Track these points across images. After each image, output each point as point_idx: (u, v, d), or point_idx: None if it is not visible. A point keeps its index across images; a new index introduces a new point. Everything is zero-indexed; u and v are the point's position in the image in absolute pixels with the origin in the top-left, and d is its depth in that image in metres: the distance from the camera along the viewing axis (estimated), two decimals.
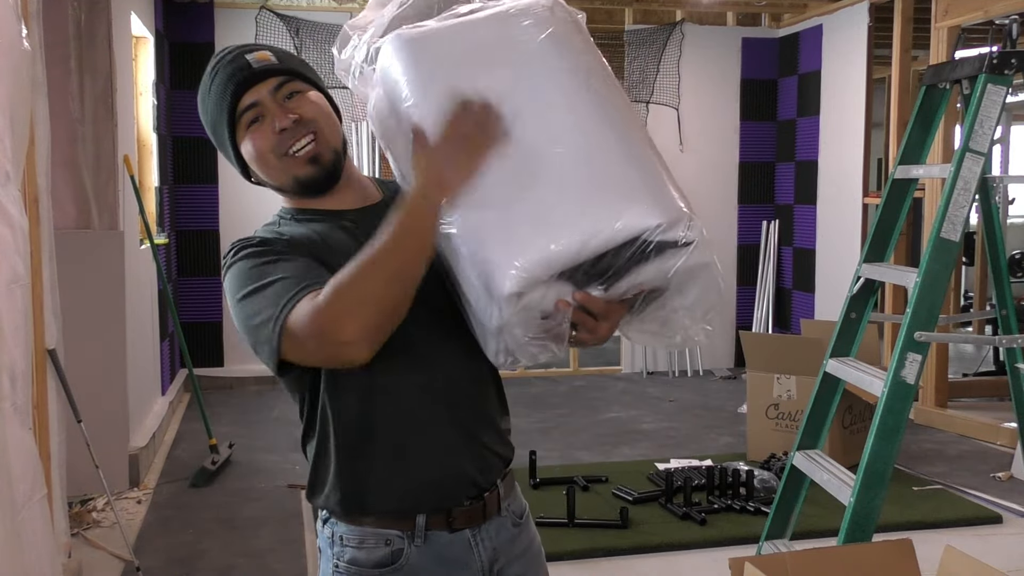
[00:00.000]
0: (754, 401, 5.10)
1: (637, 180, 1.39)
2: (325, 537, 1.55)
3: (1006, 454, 5.24)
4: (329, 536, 1.54)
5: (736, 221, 7.82)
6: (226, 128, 1.53)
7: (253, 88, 1.50)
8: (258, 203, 6.97)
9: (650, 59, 7.47)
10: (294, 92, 1.53)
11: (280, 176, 1.54)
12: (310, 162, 1.51)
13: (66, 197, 4.43)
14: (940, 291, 2.83)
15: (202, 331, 6.99)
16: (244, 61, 1.51)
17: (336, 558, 1.51)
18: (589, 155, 1.40)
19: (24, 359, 2.85)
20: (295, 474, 4.92)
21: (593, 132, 1.42)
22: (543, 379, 7.39)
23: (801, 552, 2.38)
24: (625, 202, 1.35)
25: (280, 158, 1.51)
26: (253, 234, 1.56)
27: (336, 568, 1.51)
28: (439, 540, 1.49)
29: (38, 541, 2.77)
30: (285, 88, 1.52)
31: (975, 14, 5.48)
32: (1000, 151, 8.32)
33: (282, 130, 1.49)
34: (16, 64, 2.80)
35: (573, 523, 4.09)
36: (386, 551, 1.48)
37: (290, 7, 6.98)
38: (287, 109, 1.50)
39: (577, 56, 1.50)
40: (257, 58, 1.52)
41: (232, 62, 1.53)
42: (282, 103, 1.51)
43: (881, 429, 2.77)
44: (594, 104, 1.46)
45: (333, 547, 1.52)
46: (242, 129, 1.52)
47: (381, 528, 1.49)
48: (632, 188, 1.37)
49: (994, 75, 2.82)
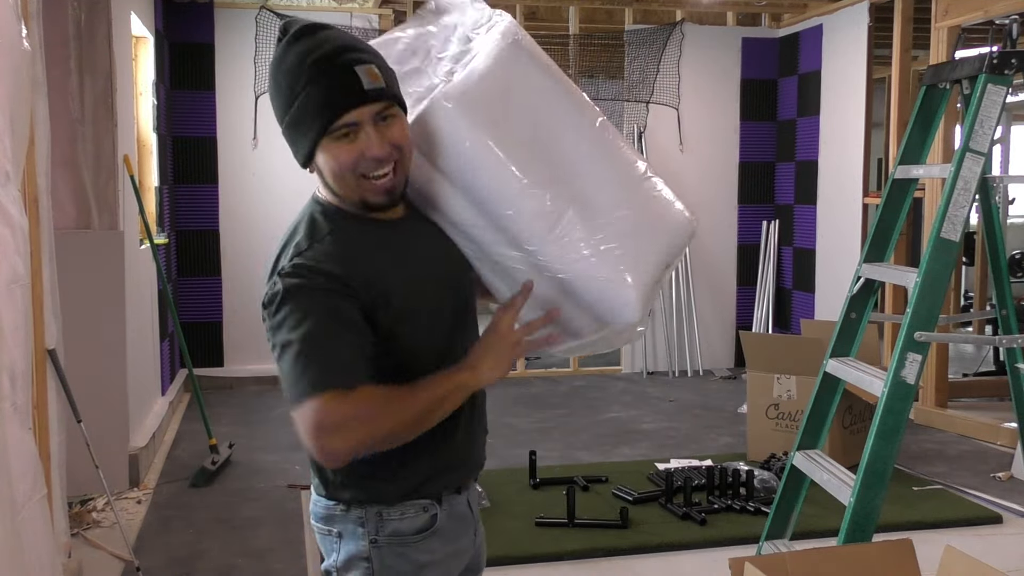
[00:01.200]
0: (754, 401, 5.10)
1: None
2: (352, 520, 1.67)
3: (1006, 454, 5.24)
4: (360, 517, 1.67)
5: (736, 221, 7.82)
6: (313, 134, 1.55)
7: (357, 109, 1.53)
8: (258, 203, 7.01)
9: (650, 59, 7.47)
10: (390, 116, 1.56)
11: (350, 192, 1.59)
12: (385, 192, 1.58)
13: (66, 197, 4.43)
14: (940, 291, 2.83)
15: (202, 331, 6.99)
16: (355, 77, 1.53)
17: (374, 534, 1.66)
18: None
19: (24, 359, 2.85)
20: (295, 474, 4.92)
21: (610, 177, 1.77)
22: (543, 379, 7.39)
23: (801, 552, 2.38)
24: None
25: (357, 178, 1.56)
26: (305, 248, 1.58)
27: (374, 543, 1.66)
28: (453, 502, 1.73)
29: (38, 541, 2.78)
30: (385, 111, 1.56)
31: (975, 14, 5.48)
32: (1000, 151, 8.32)
33: (373, 157, 1.54)
34: (16, 64, 2.80)
35: (573, 523, 4.09)
36: (426, 517, 1.68)
37: (290, 7, 6.98)
38: (384, 137, 1.55)
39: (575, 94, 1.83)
40: (369, 77, 1.53)
41: (342, 72, 1.53)
42: (379, 127, 1.55)
43: (881, 429, 2.77)
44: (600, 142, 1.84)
45: (366, 525, 1.66)
46: (328, 139, 1.55)
47: (416, 499, 1.68)
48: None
49: (994, 75, 2.82)
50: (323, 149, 1.56)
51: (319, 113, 1.53)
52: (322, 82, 1.53)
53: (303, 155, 1.60)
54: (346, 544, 1.69)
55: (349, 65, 1.53)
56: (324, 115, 1.53)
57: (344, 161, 1.55)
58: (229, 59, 6.94)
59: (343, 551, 1.69)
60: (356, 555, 1.67)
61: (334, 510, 1.69)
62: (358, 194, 1.58)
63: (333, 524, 1.70)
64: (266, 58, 6.91)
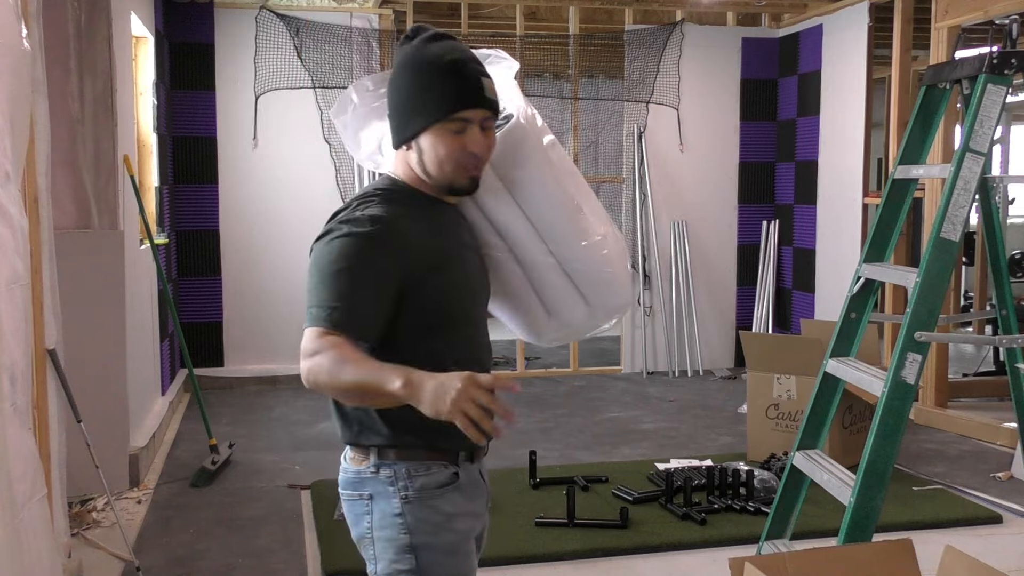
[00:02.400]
0: (754, 401, 5.10)
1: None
2: (382, 480, 1.85)
3: (1006, 454, 5.24)
4: (389, 476, 1.85)
5: (736, 221, 7.82)
6: (433, 117, 1.82)
7: (474, 109, 1.82)
8: (258, 203, 7.01)
9: (650, 59, 7.48)
10: (489, 127, 1.87)
11: (443, 175, 1.86)
12: (471, 179, 1.88)
13: (66, 197, 4.43)
14: (940, 291, 2.83)
15: (202, 331, 6.99)
16: (481, 84, 1.84)
17: (404, 490, 1.84)
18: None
19: (24, 359, 2.85)
20: (295, 474, 4.93)
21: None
22: (543, 379, 7.39)
23: (801, 552, 2.38)
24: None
25: (455, 165, 1.84)
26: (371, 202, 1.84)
27: (405, 499, 1.84)
28: (468, 468, 1.92)
29: (38, 541, 2.78)
30: (488, 121, 1.87)
31: (975, 14, 5.48)
32: (1000, 151, 8.33)
33: (473, 154, 1.84)
34: (16, 64, 2.80)
35: (573, 523, 4.09)
36: (448, 472, 1.87)
37: (290, 7, 6.98)
38: (487, 141, 1.86)
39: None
40: (489, 88, 1.85)
41: (473, 76, 1.84)
42: (483, 132, 1.85)
43: (881, 429, 2.77)
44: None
45: (396, 483, 1.84)
46: (442, 126, 1.82)
47: (438, 459, 1.86)
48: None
49: (994, 75, 2.82)
50: (433, 133, 1.82)
51: (446, 101, 1.81)
52: (455, 79, 1.82)
53: (412, 132, 1.85)
54: (378, 504, 1.86)
55: (478, 75, 1.84)
56: (449, 104, 1.81)
57: (452, 150, 1.83)
58: (229, 59, 6.94)
59: (376, 512, 1.86)
60: (389, 512, 1.84)
61: (364, 473, 1.86)
62: (450, 178, 1.86)
63: (364, 487, 1.87)
64: (266, 58, 6.92)
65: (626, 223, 7.54)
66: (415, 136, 1.85)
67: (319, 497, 4.46)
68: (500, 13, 7.72)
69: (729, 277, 7.83)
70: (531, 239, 2.00)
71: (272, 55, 6.93)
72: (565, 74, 7.57)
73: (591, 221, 2.03)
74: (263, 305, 7.04)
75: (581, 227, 2.01)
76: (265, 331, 7.04)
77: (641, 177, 7.47)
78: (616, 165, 7.56)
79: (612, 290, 2.06)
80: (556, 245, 2.00)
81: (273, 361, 7.03)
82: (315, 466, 4.99)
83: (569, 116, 7.44)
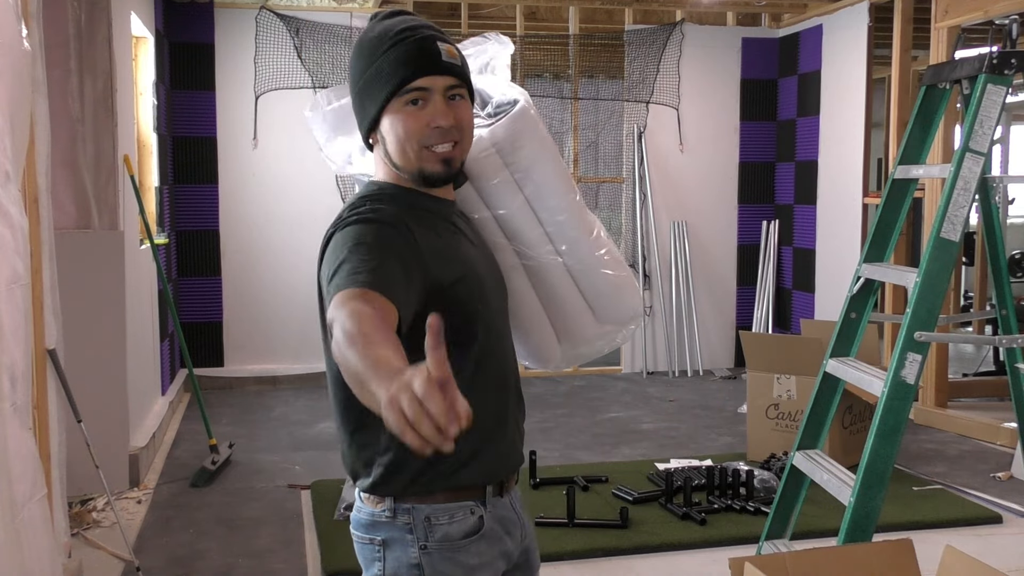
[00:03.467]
0: (754, 401, 5.10)
1: None
2: (399, 527, 1.64)
3: (1006, 454, 5.24)
4: (407, 523, 1.63)
5: (736, 221, 7.82)
6: (385, 93, 1.60)
7: (431, 76, 1.58)
8: (258, 203, 7.01)
9: (650, 59, 7.47)
10: (458, 96, 1.62)
11: (409, 163, 1.62)
12: (443, 162, 1.62)
13: (66, 197, 4.43)
14: (940, 291, 2.83)
15: (202, 331, 6.99)
16: (436, 48, 1.60)
17: (423, 540, 1.63)
18: None
19: (24, 359, 2.85)
20: (295, 474, 4.93)
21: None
22: (543, 379, 7.39)
23: (801, 552, 2.38)
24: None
25: (419, 148, 1.60)
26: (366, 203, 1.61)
27: (424, 549, 1.63)
28: (497, 504, 1.70)
29: (38, 541, 2.78)
30: (455, 90, 1.62)
31: (975, 14, 5.48)
32: (1000, 151, 8.33)
33: (437, 127, 1.59)
34: (16, 64, 2.80)
35: (573, 523, 4.09)
36: (473, 519, 1.66)
37: (290, 7, 6.98)
38: (451, 110, 1.60)
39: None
40: (448, 52, 1.61)
41: (423, 41, 1.60)
42: (447, 101, 1.60)
43: (881, 429, 2.77)
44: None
45: (415, 531, 1.63)
46: (398, 103, 1.60)
47: (463, 501, 1.65)
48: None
49: (994, 75, 2.82)
50: (391, 113, 1.60)
51: (394, 73, 1.59)
52: (402, 48, 1.60)
53: (370, 118, 1.63)
54: (393, 552, 1.65)
55: (432, 39, 1.61)
56: (399, 75, 1.58)
57: (410, 128, 1.59)
58: (229, 59, 6.94)
59: (390, 560, 1.65)
60: (406, 563, 1.64)
61: (379, 517, 1.65)
62: (417, 164, 1.62)
63: (377, 532, 1.66)
64: (266, 58, 6.92)
65: (626, 223, 7.55)
66: (375, 124, 1.63)
67: (319, 497, 4.46)
68: (500, 13, 7.72)
69: (729, 277, 7.83)
70: (540, 239, 1.85)
71: (272, 55, 6.93)
72: (565, 74, 7.57)
73: (595, 222, 1.92)
74: (263, 305, 7.05)
75: (588, 225, 1.88)
76: (265, 331, 7.04)
77: (641, 177, 7.47)
78: (616, 165, 7.56)
79: (622, 296, 1.90)
80: (565, 244, 1.86)
81: (273, 361, 7.04)
82: (315, 466, 4.99)
83: (569, 116, 7.44)
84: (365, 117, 1.65)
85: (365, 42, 1.66)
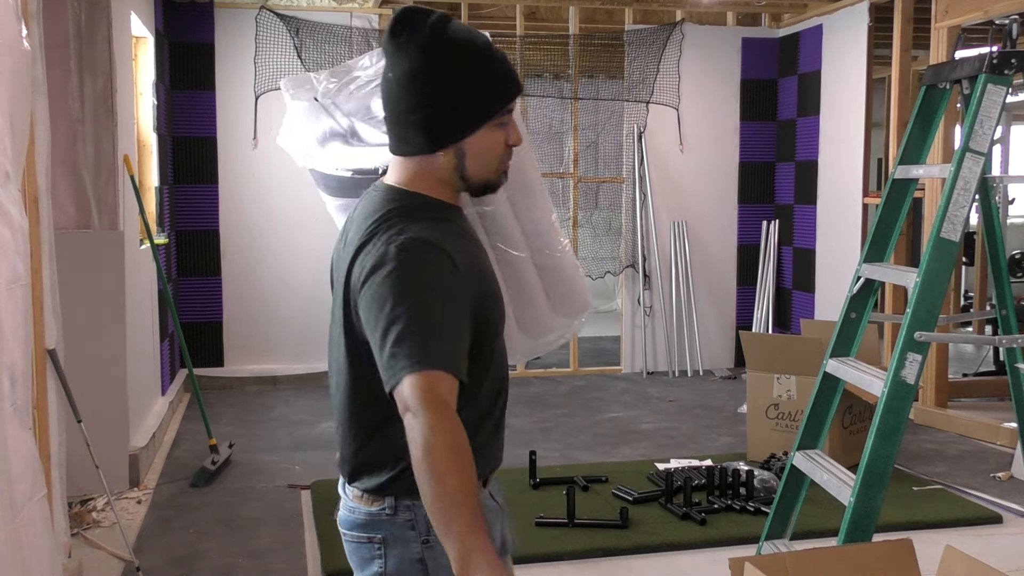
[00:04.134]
0: (754, 401, 5.10)
1: None
2: (400, 524, 1.68)
3: (1006, 454, 5.24)
4: (408, 520, 1.67)
5: (736, 221, 7.82)
6: (487, 112, 1.62)
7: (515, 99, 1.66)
8: (258, 203, 7.01)
9: (650, 59, 7.47)
10: None
11: (483, 175, 1.66)
12: (504, 175, 1.70)
13: (66, 197, 4.43)
14: (940, 291, 2.83)
15: (202, 331, 6.99)
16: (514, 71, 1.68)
17: (426, 535, 1.66)
18: None
19: (24, 359, 2.85)
20: (295, 474, 4.93)
21: None
22: (543, 379, 7.39)
23: (801, 552, 2.38)
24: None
25: (499, 165, 1.67)
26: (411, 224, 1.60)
27: (427, 543, 1.67)
28: (482, 495, 1.77)
29: (38, 541, 2.78)
30: None
31: (975, 14, 5.48)
32: (1000, 151, 8.33)
33: (512, 146, 1.66)
34: (16, 64, 2.80)
35: (573, 523, 4.09)
36: None
37: (290, 7, 6.98)
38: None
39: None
40: None
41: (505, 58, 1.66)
42: None
43: (881, 429, 2.77)
44: None
45: (417, 527, 1.67)
46: (493, 123, 1.63)
47: None
48: None
49: (994, 75, 2.82)
50: (487, 128, 1.62)
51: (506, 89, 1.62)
52: (504, 66, 1.63)
53: (460, 133, 1.62)
54: (394, 549, 1.68)
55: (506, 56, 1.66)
56: (510, 92, 1.62)
57: (499, 146, 1.65)
58: (229, 59, 6.94)
59: (391, 557, 1.68)
60: (408, 558, 1.68)
61: (378, 515, 1.68)
62: (488, 177, 1.66)
63: (377, 530, 1.68)
64: (266, 58, 6.91)
65: (626, 223, 7.55)
66: (463, 137, 1.62)
67: (319, 497, 4.46)
68: (500, 13, 7.72)
69: (729, 277, 7.83)
70: (517, 234, 1.95)
71: (272, 55, 6.93)
72: (565, 74, 7.57)
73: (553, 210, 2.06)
74: (263, 305, 7.04)
75: (550, 216, 2.00)
76: (265, 331, 7.04)
77: (641, 177, 7.47)
78: (616, 165, 7.56)
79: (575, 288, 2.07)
80: (537, 239, 1.97)
81: (273, 361, 7.03)
82: (315, 466, 4.99)
83: (569, 116, 7.44)
84: (453, 130, 1.62)
85: (473, 46, 1.62)
